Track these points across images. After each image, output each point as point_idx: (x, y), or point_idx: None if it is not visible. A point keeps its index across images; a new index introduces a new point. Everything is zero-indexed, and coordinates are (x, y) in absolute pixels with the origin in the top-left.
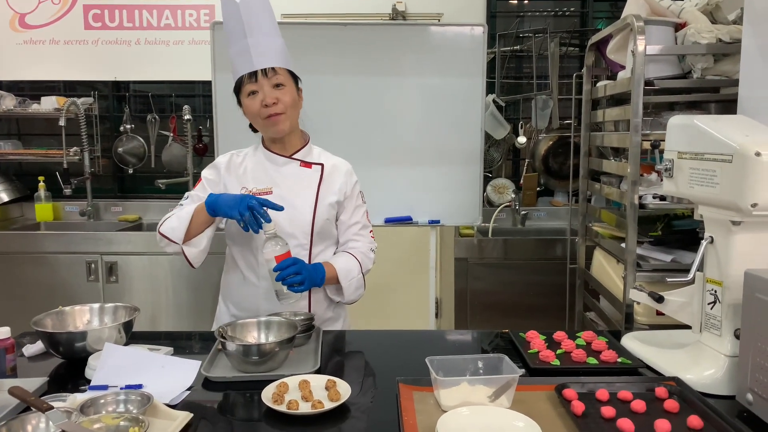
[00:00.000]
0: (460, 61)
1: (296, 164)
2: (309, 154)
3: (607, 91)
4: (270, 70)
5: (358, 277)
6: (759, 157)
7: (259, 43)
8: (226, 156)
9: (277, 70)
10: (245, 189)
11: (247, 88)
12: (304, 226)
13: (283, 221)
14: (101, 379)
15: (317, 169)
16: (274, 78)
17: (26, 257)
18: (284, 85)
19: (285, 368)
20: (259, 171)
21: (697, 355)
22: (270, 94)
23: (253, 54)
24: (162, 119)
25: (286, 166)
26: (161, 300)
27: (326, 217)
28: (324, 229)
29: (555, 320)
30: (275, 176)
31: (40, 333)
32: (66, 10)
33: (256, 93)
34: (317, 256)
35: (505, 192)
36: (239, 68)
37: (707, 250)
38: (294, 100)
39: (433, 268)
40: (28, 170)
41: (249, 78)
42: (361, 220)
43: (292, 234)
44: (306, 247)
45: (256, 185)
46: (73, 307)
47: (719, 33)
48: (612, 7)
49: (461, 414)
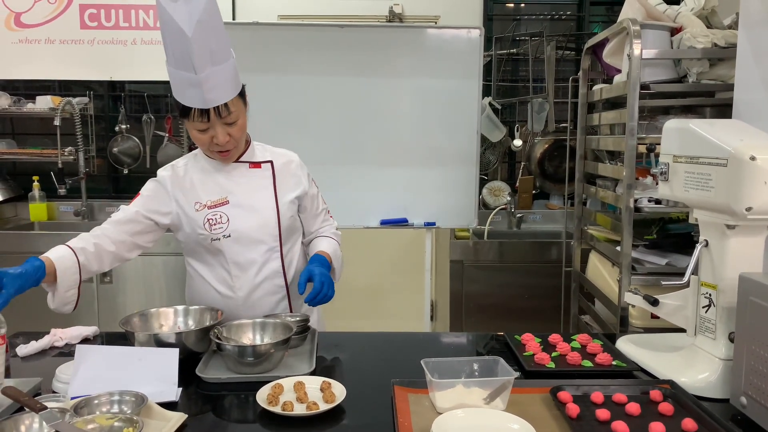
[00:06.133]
0: (456, 64)
1: (245, 167)
2: (254, 153)
3: (603, 94)
4: (223, 108)
5: (341, 255)
6: (754, 161)
7: (209, 77)
8: (168, 169)
9: (230, 104)
10: (198, 203)
11: (197, 124)
12: (271, 228)
13: (248, 229)
14: (78, 389)
15: (267, 168)
16: (227, 117)
17: (20, 257)
18: (237, 120)
19: (280, 369)
20: (208, 182)
21: (692, 358)
22: (222, 134)
23: (204, 89)
24: (157, 119)
25: (235, 171)
26: (155, 301)
27: (290, 215)
28: (290, 226)
29: (550, 323)
30: (227, 184)
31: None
32: (62, 10)
33: (206, 130)
34: (287, 254)
35: (500, 195)
36: (185, 96)
37: (702, 254)
38: (243, 126)
39: (429, 270)
40: (23, 170)
41: (200, 115)
42: (323, 206)
43: (260, 240)
44: (276, 249)
45: (209, 197)
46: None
47: (715, 37)
48: (608, 11)
49: (456, 416)
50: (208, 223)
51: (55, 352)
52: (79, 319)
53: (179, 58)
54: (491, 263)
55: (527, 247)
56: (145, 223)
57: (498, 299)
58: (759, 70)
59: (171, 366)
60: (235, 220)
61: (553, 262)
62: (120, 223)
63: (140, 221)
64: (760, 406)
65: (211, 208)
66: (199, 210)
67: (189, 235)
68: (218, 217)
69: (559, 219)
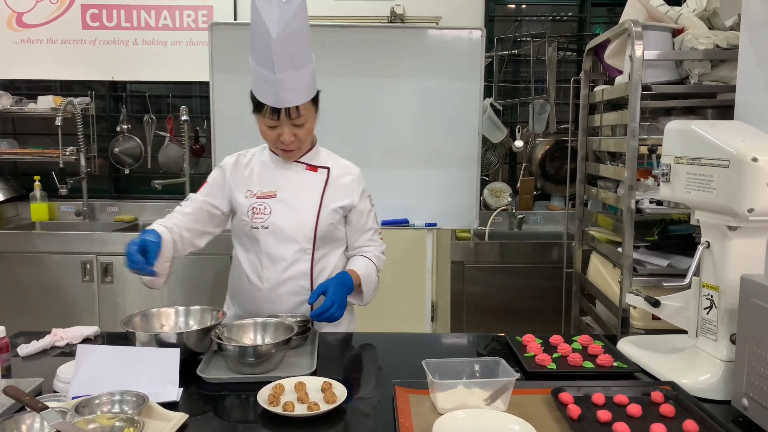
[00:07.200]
0: (457, 65)
1: (302, 167)
2: (315, 157)
3: (605, 95)
4: (294, 110)
5: (375, 281)
6: (755, 162)
7: (286, 79)
8: (233, 157)
9: (301, 107)
10: (249, 191)
11: (267, 120)
12: (306, 231)
13: (285, 225)
14: (79, 389)
15: (323, 173)
16: (296, 119)
17: (21, 257)
18: (305, 123)
19: (281, 370)
20: (264, 173)
21: (693, 360)
22: (289, 135)
23: (278, 90)
24: (159, 120)
25: (291, 170)
26: (156, 301)
27: (329, 222)
28: (327, 233)
29: (551, 324)
30: (279, 180)
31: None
32: (64, 10)
33: (275, 127)
34: (320, 260)
35: (501, 196)
36: (262, 93)
37: (703, 255)
38: (310, 130)
39: (430, 271)
40: (24, 170)
41: (271, 113)
42: (373, 225)
43: (294, 238)
44: (308, 251)
45: (261, 188)
46: (159, 309)
47: (716, 39)
48: (610, 12)
49: (457, 417)
50: (251, 211)
51: (56, 352)
52: (80, 319)
53: (261, 56)
54: (492, 264)
55: (528, 248)
56: (210, 212)
57: (499, 300)
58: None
59: (172, 366)
60: (276, 213)
61: (554, 263)
62: (188, 213)
63: (205, 209)
64: (762, 408)
65: (258, 198)
66: (248, 197)
67: (236, 219)
68: (262, 207)
69: (560, 220)
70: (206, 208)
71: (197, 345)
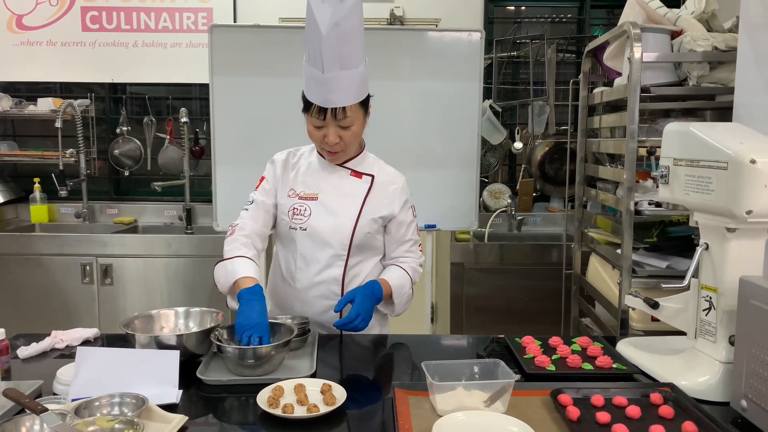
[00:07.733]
0: (457, 66)
1: (347, 173)
2: (361, 163)
3: (604, 97)
4: (340, 111)
5: (408, 293)
6: (754, 164)
7: (334, 79)
8: (284, 154)
9: (348, 109)
10: (293, 191)
11: (314, 120)
12: (343, 237)
13: (322, 229)
14: (78, 391)
15: (367, 180)
16: (342, 120)
17: (21, 259)
18: (351, 126)
19: (281, 372)
20: (309, 175)
21: (692, 362)
22: (333, 135)
23: (326, 90)
24: (159, 122)
25: (336, 174)
26: (156, 303)
27: (367, 231)
28: (364, 242)
29: (550, 326)
30: (322, 183)
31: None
32: (63, 12)
33: (321, 128)
34: (353, 267)
35: (501, 197)
36: (311, 92)
37: (702, 257)
38: (357, 134)
39: (429, 272)
40: (24, 171)
41: (318, 112)
42: (413, 236)
43: (329, 243)
44: (343, 258)
45: (304, 189)
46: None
47: (715, 41)
48: (609, 14)
49: (457, 419)
50: (292, 211)
51: (55, 354)
52: (80, 321)
53: (312, 55)
54: (492, 266)
55: (528, 249)
56: (269, 212)
57: (498, 302)
58: (759, 74)
59: (171, 368)
60: (315, 216)
61: (553, 264)
62: (255, 218)
63: (265, 210)
64: (761, 410)
65: (300, 199)
66: (290, 197)
67: (279, 217)
68: (303, 209)
69: (560, 222)
70: (265, 209)
71: (197, 347)
